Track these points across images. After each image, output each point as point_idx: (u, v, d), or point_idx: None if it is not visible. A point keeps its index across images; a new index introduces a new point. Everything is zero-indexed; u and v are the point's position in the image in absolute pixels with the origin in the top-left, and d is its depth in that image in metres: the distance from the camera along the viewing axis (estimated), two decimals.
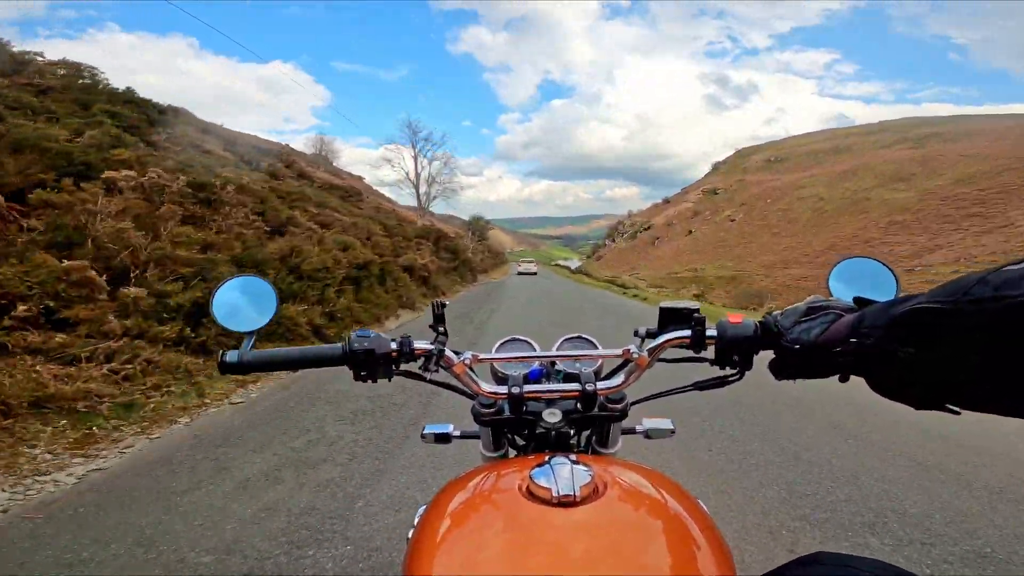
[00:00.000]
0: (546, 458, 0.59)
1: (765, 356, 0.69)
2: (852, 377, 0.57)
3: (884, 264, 0.77)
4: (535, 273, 41.65)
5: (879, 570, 0.49)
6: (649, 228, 66.25)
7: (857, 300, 0.60)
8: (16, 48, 10.56)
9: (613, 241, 76.16)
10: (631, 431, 0.91)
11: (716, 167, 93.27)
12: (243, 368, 0.77)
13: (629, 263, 55.52)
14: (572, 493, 0.53)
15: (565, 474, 0.55)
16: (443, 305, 0.82)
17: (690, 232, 52.30)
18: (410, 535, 0.63)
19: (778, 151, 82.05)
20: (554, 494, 0.53)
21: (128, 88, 12.64)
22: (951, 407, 0.46)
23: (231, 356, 0.76)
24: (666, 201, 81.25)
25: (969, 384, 0.43)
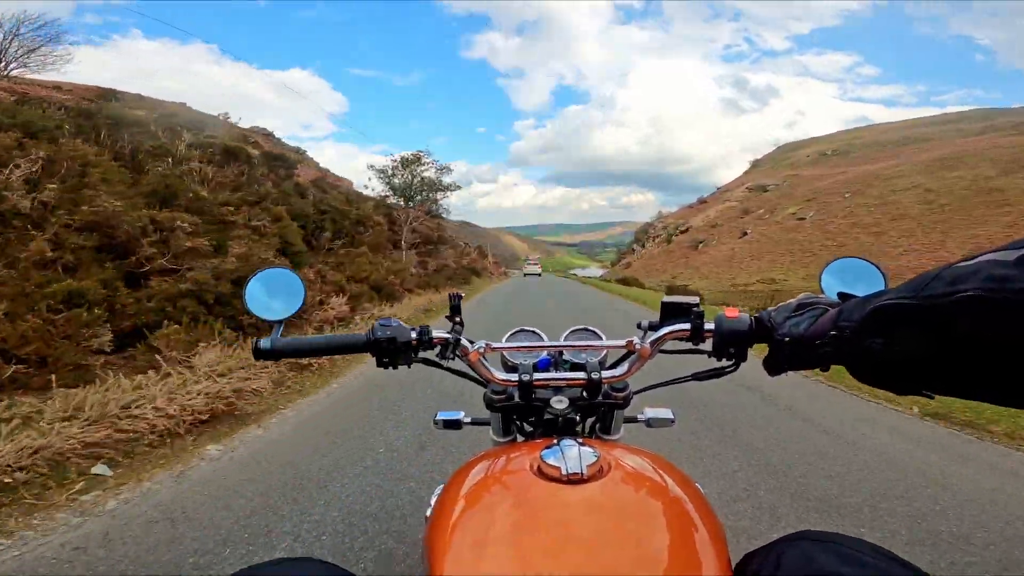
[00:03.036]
0: (555, 441, 0.62)
1: (758, 349, 0.72)
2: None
3: (872, 263, 0.80)
4: (539, 275, 39.00)
5: (863, 548, 0.51)
6: (687, 230, 56.48)
7: (840, 295, 0.65)
8: None
9: (643, 246, 66.11)
10: (633, 419, 0.95)
11: (756, 164, 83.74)
12: (275, 354, 0.80)
13: (666, 270, 45.80)
14: (580, 471, 0.56)
15: (573, 454, 0.58)
16: (459, 296, 0.85)
17: (744, 233, 42.52)
18: (428, 513, 0.68)
19: (831, 144, 72.10)
20: (563, 472, 0.56)
21: None
22: (926, 392, 0.49)
23: (264, 343, 0.79)
24: (702, 201, 71.56)
25: (936, 371, 0.46)
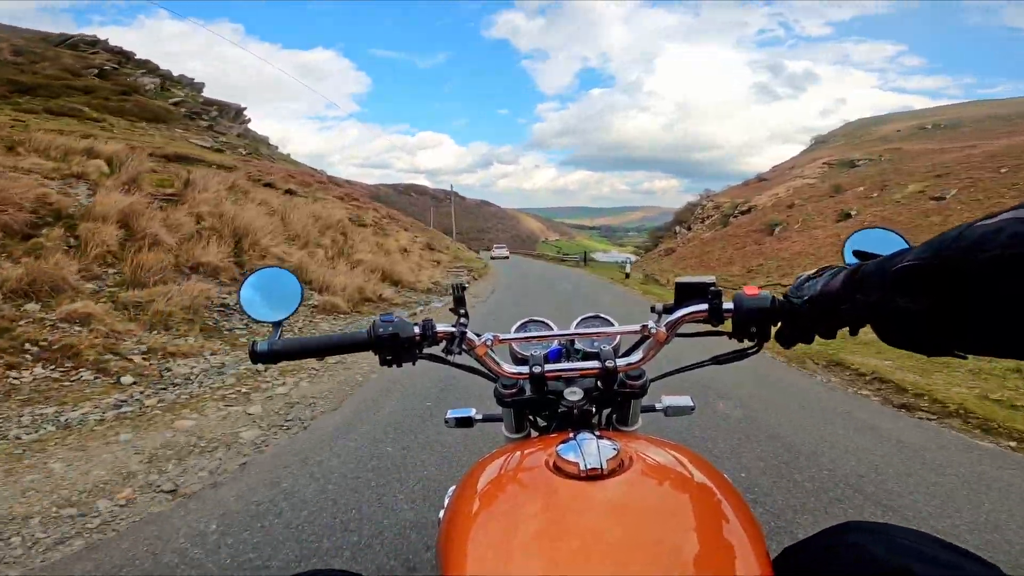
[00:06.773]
0: (571, 435, 0.60)
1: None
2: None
3: (896, 232, 0.77)
4: (507, 257, 40.35)
5: (913, 537, 0.49)
6: (749, 211, 45.96)
7: (857, 254, 0.63)
8: None
9: (688, 229, 55.44)
10: (650, 409, 0.91)
11: (820, 140, 71.78)
12: (274, 356, 0.76)
13: (734, 260, 35.62)
14: (599, 466, 0.53)
15: (591, 448, 0.55)
16: (463, 288, 0.82)
17: (847, 215, 32.04)
18: (441, 515, 0.65)
19: (931, 119, 60.03)
20: (581, 468, 0.53)
21: None
22: (958, 353, 0.47)
23: (262, 346, 0.76)
24: (760, 179, 60.60)
25: (965, 331, 0.44)
